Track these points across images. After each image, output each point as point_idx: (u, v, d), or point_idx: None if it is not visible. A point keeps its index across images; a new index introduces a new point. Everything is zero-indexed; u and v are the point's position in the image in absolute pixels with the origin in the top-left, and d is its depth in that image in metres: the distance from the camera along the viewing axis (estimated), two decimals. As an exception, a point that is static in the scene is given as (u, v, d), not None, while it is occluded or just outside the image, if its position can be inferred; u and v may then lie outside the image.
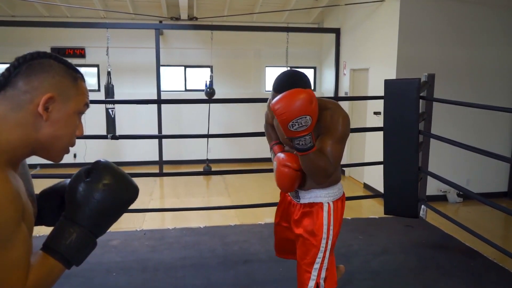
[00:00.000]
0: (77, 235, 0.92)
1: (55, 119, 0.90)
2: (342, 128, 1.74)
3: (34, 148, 0.91)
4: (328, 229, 1.89)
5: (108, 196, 0.95)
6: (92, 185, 0.94)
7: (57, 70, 0.90)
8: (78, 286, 2.79)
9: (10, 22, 6.77)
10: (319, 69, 8.34)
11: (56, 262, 0.90)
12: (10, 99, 0.86)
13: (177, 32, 7.69)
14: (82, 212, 0.93)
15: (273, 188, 6.59)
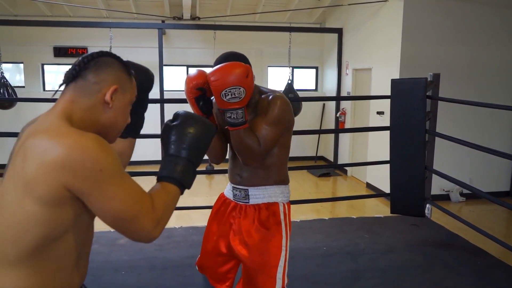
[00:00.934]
0: (183, 164, 1.13)
1: (116, 107, 1.08)
2: (279, 112, 1.68)
3: (98, 129, 1.05)
4: (286, 229, 1.82)
5: (197, 130, 1.17)
6: (181, 126, 1.17)
7: (118, 67, 1.08)
8: (86, 284, 2.79)
9: (12, 22, 6.77)
10: (321, 69, 8.35)
11: (173, 186, 1.11)
12: (81, 88, 1.04)
13: (180, 32, 7.70)
14: (180, 146, 1.15)
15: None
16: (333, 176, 7.21)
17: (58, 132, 0.94)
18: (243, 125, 1.63)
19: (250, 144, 1.66)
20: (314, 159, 8.28)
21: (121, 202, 0.96)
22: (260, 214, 1.81)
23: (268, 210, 1.81)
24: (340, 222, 3.97)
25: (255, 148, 1.68)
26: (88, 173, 0.91)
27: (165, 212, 1.05)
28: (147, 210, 1.00)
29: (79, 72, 1.04)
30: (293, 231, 3.66)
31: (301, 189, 6.30)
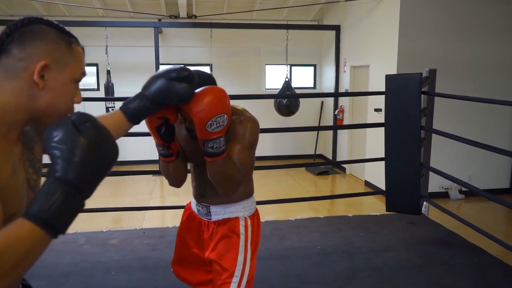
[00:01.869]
0: (62, 193, 0.75)
1: (51, 87, 0.88)
2: (250, 134, 1.59)
3: (32, 116, 0.89)
4: (245, 246, 1.73)
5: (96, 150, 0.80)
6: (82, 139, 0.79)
7: (50, 36, 0.88)
8: (78, 286, 2.76)
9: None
10: (319, 66, 8.30)
11: (32, 226, 0.73)
12: (5, 67, 0.85)
13: (176, 31, 7.66)
14: (70, 166, 0.77)
15: (272, 185, 6.53)
16: (331, 174, 7.15)
17: None
18: (223, 153, 1.49)
19: (232, 173, 1.55)
20: (313, 157, 8.23)
21: None
22: (220, 230, 1.77)
23: (227, 225, 1.76)
24: (337, 221, 3.92)
25: (235, 176, 1.56)
26: None
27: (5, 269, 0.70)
28: None
29: (2, 47, 0.85)
30: (289, 230, 3.63)
31: (299, 188, 6.25)
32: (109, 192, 6.14)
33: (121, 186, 6.49)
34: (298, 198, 4.21)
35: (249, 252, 1.74)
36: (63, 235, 0.78)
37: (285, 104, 6.95)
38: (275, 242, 3.44)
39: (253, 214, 1.81)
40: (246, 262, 1.73)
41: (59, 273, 2.91)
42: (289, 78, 8.12)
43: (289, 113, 7.06)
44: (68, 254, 3.22)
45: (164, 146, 1.57)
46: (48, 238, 0.76)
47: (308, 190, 6.14)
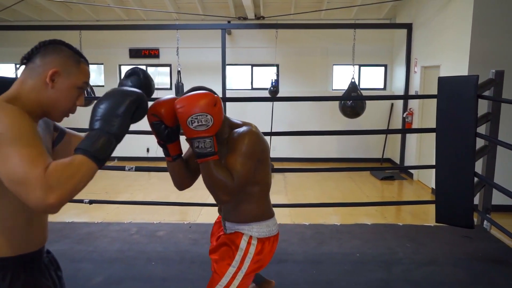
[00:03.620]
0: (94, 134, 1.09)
1: (58, 89, 1.18)
2: (248, 145, 1.62)
3: (43, 108, 1.19)
4: (241, 261, 1.75)
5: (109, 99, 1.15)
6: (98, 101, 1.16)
7: (64, 53, 1.20)
8: (120, 271, 2.99)
9: (94, 26, 7.41)
10: (390, 67, 7.95)
11: (80, 156, 1.05)
12: (30, 70, 1.18)
13: (245, 32, 7.83)
14: (93, 119, 1.12)
15: (332, 188, 6.40)
16: (397, 179, 6.82)
17: None
18: (212, 155, 1.54)
19: (221, 178, 1.56)
20: (380, 161, 7.92)
21: (11, 164, 0.98)
22: (227, 238, 1.84)
23: (232, 235, 1.82)
24: (383, 229, 3.76)
25: (227, 183, 1.57)
26: None
27: (62, 179, 0.99)
28: (37, 174, 0.97)
29: (31, 56, 1.18)
30: (331, 235, 3.57)
31: (359, 192, 6.06)
32: (173, 187, 6.48)
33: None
34: (347, 203, 4.09)
35: (243, 269, 1.76)
36: (103, 159, 1.09)
37: (350, 106, 6.76)
38: (313, 246, 3.41)
39: (265, 238, 1.80)
40: (236, 276, 1.75)
41: (107, 259, 3.18)
42: (358, 78, 7.92)
43: (354, 115, 6.85)
44: (119, 242, 3.49)
45: (161, 144, 1.69)
46: (87, 161, 1.05)
47: (368, 195, 5.92)
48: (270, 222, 1.83)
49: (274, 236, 1.84)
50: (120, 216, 4.82)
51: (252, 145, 1.64)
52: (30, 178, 0.97)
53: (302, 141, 7.96)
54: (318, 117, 7.93)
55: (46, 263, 1.27)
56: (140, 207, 4.97)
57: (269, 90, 7.12)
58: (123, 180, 6.60)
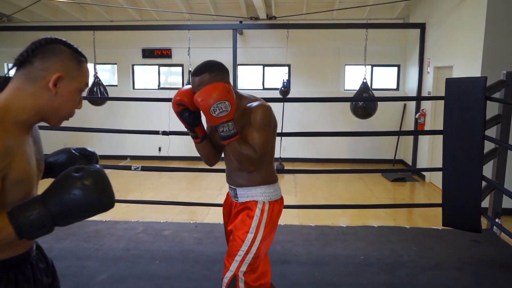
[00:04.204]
0: (39, 215, 0.99)
1: (61, 94, 1.11)
2: (261, 117, 1.81)
3: (42, 114, 1.12)
4: (257, 226, 1.90)
5: (83, 194, 1.02)
6: (75, 181, 1.03)
7: (65, 54, 1.12)
8: (124, 269, 3.03)
9: (108, 27, 7.51)
10: (403, 67, 7.85)
11: (9, 226, 0.98)
12: (27, 74, 1.08)
13: (257, 32, 7.84)
14: (54, 197, 1.01)
15: (342, 189, 6.35)
16: (409, 181, 6.74)
17: None
18: (236, 136, 1.76)
19: (246, 153, 1.79)
20: (392, 162, 7.83)
21: None
22: (241, 208, 1.98)
23: (246, 204, 1.96)
24: (389, 231, 3.72)
25: (251, 155, 1.80)
26: None
27: None
28: None
29: (27, 58, 1.08)
30: (336, 236, 3.55)
31: (369, 193, 6.01)
32: (183, 186, 6.55)
33: (196, 180, 6.87)
34: (350, 204, 4.06)
35: (260, 233, 1.91)
36: (28, 239, 1.02)
37: (362, 106, 6.70)
38: (318, 247, 3.39)
39: (274, 201, 1.97)
40: (254, 241, 1.90)
41: (112, 257, 3.22)
42: (370, 78, 7.85)
43: (366, 116, 6.79)
44: (125, 240, 3.54)
45: (189, 128, 1.94)
46: (13, 235, 0.99)
47: (378, 196, 5.87)
48: (276, 186, 2.01)
49: (280, 199, 2.02)
50: (129, 214, 4.87)
51: (266, 117, 1.83)
52: None
53: (312, 142, 7.93)
54: (329, 118, 7.89)
55: (34, 262, 1.24)
56: (149, 206, 5.03)
57: (280, 91, 7.11)
58: (134, 179, 6.67)
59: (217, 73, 1.83)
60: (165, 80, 8.40)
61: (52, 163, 1.34)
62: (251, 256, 1.89)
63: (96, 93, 7.06)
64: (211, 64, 1.87)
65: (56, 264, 1.45)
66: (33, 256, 1.24)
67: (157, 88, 8.27)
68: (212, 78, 1.80)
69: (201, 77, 1.81)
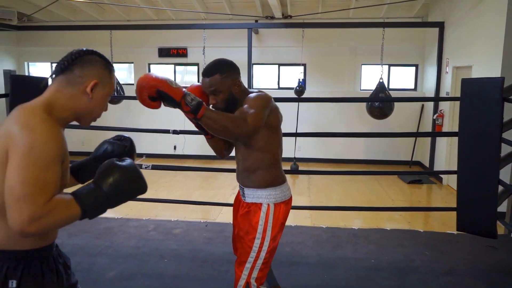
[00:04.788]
0: (99, 198, 1.17)
1: (96, 98, 1.28)
2: (256, 98, 1.78)
3: (77, 115, 1.28)
4: (264, 230, 1.87)
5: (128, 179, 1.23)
6: (122, 168, 1.23)
7: (100, 64, 1.29)
8: (133, 266, 3.05)
9: (124, 26, 7.59)
10: (421, 67, 7.71)
11: (78, 209, 1.13)
12: (68, 79, 1.25)
13: (272, 31, 7.81)
14: (108, 182, 1.19)
15: (356, 190, 6.27)
16: (426, 183, 6.61)
17: (27, 112, 1.15)
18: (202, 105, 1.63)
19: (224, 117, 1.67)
20: (409, 164, 7.70)
21: (21, 177, 1.06)
22: (247, 212, 1.95)
23: (252, 209, 1.93)
24: (402, 235, 3.64)
25: (233, 118, 1.69)
26: (21, 145, 1.08)
27: (52, 219, 1.08)
28: (36, 200, 1.05)
29: (68, 66, 1.25)
30: (347, 239, 3.50)
31: (384, 195, 5.91)
32: (197, 184, 6.57)
33: (210, 178, 6.89)
34: (363, 207, 3.99)
35: (267, 237, 1.87)
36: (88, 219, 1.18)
37: (378, 106, 6.61)
38: (328, 250, 3.35)
39: (281, 202, 1.92)
40: (262, 246, 1.87)
41: (122, 254, 3.24)
42: (387, 78, 7.73)
43: (382, 116, 6.69)
44: (135, 238, 3.56)
45: (197, 125, 1.85)
46: (79, 215, 1.13)
47: (394, 199, 5.77)
48: (283, 187, 1.95)
49: (288, 200, 1.97)
50: (142, 212, 4.91)
51: (260, 99, 1.79)
52: (28, 201, 1.05)
53: (328, 142, 7.86)
54: (345, 118, 7.81)
55: (55, 256, 1.35)
56: (162, 204, 5.06)
57: (294, 90, 7.07)
58: (149, 177, 6.54)
59: (228, 73, 1.82)
60: (181, 79, 8.44)
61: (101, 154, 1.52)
62: (261, 261, 1.88)
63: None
64: (222, 63, 1.85)
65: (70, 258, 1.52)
66: (54, 251, 1.35)
67: (173, 87, 8.31)
68: (224, 79, 1.80)
69: (213, 78, 1.80)
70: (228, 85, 1.83)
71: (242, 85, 1.89)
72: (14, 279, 1.19)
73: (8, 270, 1.19)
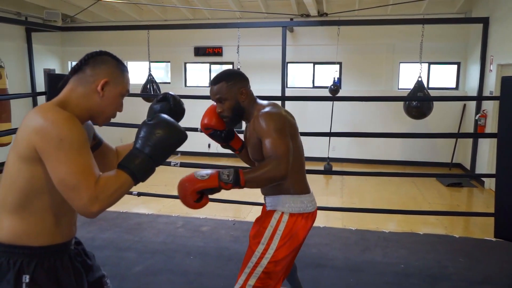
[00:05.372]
0: (142, 158, 1.23)
1: (107, 96, 1.30)
2: (271, 122, 1.69)
3: (91, 114, 1.31)
4: (270, 237, 1.78)
5: (165, 132, 1.27)
6: (153, 125, 1.27)
7: (112, 64, 1.32)
8: (160, 262, 3.10)
9: (161, 26, 7.74)
10: (464, 64, 7.36)
11: (126, 175, 1.20)
12: (80, 79, 1.29)
13: (307, 29, 7.71)
14: (146, 143, 1.24)
15: (391, 192, 6.07)
16: (466, 187, 6.31)
17: (44, 109, 1.19)
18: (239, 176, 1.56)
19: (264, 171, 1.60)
20: (449, 166, 7.38)
21: (67, 169, 1.12)
22: (262, 217, 1.92)
23: (267, 214, 1.86)
24: (436, 240, 3.49)
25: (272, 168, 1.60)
26: (50, 139, 1.12)
27: (107, 193, 1.15)
28: (88, 184, 1.12)
29: (81, 67, 1.29)
30: (376, 242, 3.40)
31: (420, 198, 5.70)
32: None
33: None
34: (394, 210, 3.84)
35: (273, 246, 1.78)
36: (142, 182, 1.24)
37: (416, 106, 6.37)
38: (356, 253, 3.27)
39: (299, 214, 1.81)
40: (265, 253, 1.77)
41: (150, 250, 3.30)
42: (427, 77, 7.46)
43: (420, 116, 6.45)
44: (164, 234, 3.62)
45: (223, 145, 2.02)
46: (132, 182, 1.21)
47: (431, 202, 5.54)
48: (304, 198, 1.84)
49: (308, 213, 1.85)
50: (174, 208, 4.99)
51: (276, 122, 1.70)
52: (82, 187, 1.12)
53: (363, 142, 7.68)
54: (381, 118, 7.60)
55: (72, 255, 1.37)
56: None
57: (329, 89, 6.95)
58: (181, 175, 6.81)
59: (234, 82, 1.81)
60: (216, 78, 8.51)
61: None
62: (260, 269, 1.77)
63: (149, 90, 7.31)
64: (229, 72, 1.85)
65: (97, 253, 1.57)
66: (72, 250, 1.37)
67: (208, 85, 8.41)
68: (229, 87, 1.80)
69: (219, 86, 1.81)
70: (234, 93, 1.81)
71: (249, 95, 1.85)
72: (27, 274, 1.21)
73: (22, 265, 1.22)
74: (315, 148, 7.62)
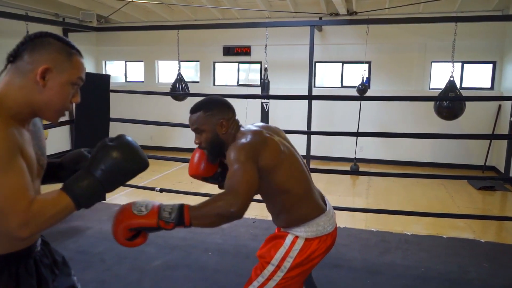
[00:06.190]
0: (90, 182, 1.08)
1: (50, 87, 1.09)
2: (232, 153, 1.52)
3: (34, 109, 1.11)
4: (282, 258, 1.66)
5: (122, 159, 1.12)
6: (112, 148, 1.12)
7: (54, 47, 1.10)
8: (177, 258, 3.17)
9: (190, 26, 7.86)
10: (500, 64, 7.08)
11: (67, 198, 1.05)
12: (17, 68, 1.09)
13: (336, 28, 7.63)
14: (98, 166, 1.10)
15: (419, 195, 5.95)
16: (499, 191, 6.07)
17: None
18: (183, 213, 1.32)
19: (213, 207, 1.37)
20: (482, 169, 7.12)
21: None
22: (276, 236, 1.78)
23: (280, 235, 1.74)
24: (459, 244, 3.39)
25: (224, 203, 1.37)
26: None
27: (41, 219, 1.01)
28: (17, 208, 0.98)
29: (17, 53, 1.08)
30: (397, 244, 3.35)
31: (449, 201, 5.53)
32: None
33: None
34: (419, 212, 3.75)
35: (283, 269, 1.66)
36: (85, 208, 1.10)
37: (447, 106, 6.18)
38: (375, 254, 3.22)
39: (313, 238, 1.67)
40: (273, 275, 1.67)
41: (169, 245, 3.38)
42: (460, 77, 7.22)
43: (452, 117, 6.24)
44: (184, 230, 3.68)
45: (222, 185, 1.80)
46: (73, 207, 1.07)
47: (460, 205, 5.37)
48: (320, 219, 1.68)
49: (326, 235, 1.69)
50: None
51: (237, 153, 1.52)
52: (10, 212, 0.98)
53: (392, 143, 7.52)
54: (411, 118, 7.42)
55: (38, 257, 1.25)
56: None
57: (357, 89, 6.85)
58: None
59: (212, 112, 1.63)
60: (245, 77, 8.57)
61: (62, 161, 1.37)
62: None
63: (178, 89, 7.44)
64: (209, 101, 1.69)
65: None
66: (37, 252, 1.25)
67: (236, 84, 8.48)
68: (207, 117, 1.63)
69: (196, 116, 1.65)
70: (212, 124, 1.63)
71: (230, 127, 1.66)
72: None
73: None
74: (342, 148, 7.55)
